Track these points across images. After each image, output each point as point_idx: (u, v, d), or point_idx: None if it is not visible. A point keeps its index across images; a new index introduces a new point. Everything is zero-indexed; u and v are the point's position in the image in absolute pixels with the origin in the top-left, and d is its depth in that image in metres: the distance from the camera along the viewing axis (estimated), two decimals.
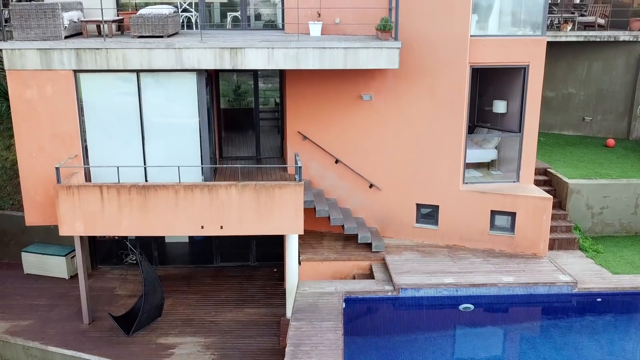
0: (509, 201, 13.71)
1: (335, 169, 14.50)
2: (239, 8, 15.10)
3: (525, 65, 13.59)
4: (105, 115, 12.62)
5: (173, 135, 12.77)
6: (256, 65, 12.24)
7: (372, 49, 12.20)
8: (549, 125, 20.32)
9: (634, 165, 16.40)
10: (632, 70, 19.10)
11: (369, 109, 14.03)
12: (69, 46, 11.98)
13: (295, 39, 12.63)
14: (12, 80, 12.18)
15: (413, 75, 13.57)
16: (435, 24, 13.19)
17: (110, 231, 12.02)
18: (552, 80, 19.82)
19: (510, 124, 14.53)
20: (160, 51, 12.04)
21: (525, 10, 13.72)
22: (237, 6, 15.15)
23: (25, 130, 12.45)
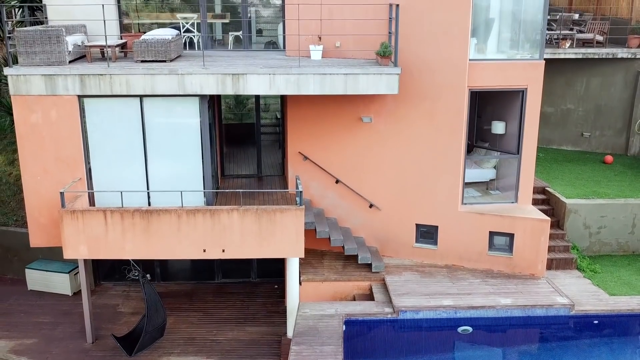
0: (507, 223, 13.87)
1: (336, 188, 14.67)
2: (241, 28, 15.27)
3: (523, 88, 13.76)
4: (109, 139, 12.80)
5: (176, 158, 12.95)
6: (258, 90, 12.41)
7: (372, 75, 12.37)
8: (548, 141, 20.49)
9: (631, 184, 16.56)
10: (630, 87, 19.26)
11: (369, 130, 14.20)
12: (73, 72, 12.15)
13: (297, 63, 12.80)
14: (17, 105, 12.36)
15: (412, 98, 13.74)
16: (435, 48, 13.36)
17: (114, 254, 12.19)
18: (551, 95, 20.00)
19: (508, 145, 14.70)
20: (163, 77, 12.22)
21: (524, 34, 13.87)
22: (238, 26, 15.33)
23: (29, 154, 12.63)
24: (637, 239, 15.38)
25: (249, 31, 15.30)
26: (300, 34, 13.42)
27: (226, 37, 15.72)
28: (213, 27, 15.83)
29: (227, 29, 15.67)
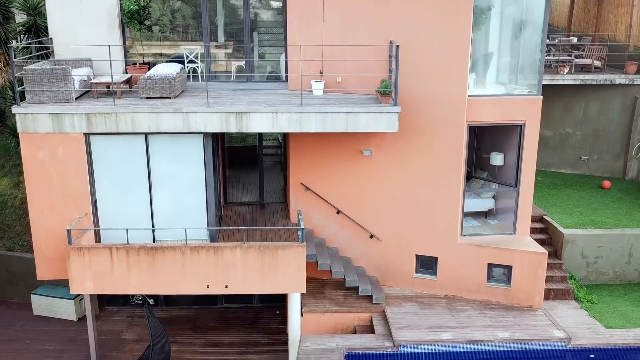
0: (505, 255, 14.11)
1: (337, 219, 14.91)
2: (244, 59, 15.50)
3: (521, 123, 14.00)
4: (115, 175, 13.05)
5: (180, 193, 13.20)
6: (261, 129, 12.66)
7: (373, 113, 12.61)
8: (547, 164, 20.73)
9: (628, 212, 16.79)
10: (627, 112, 19.51)
11: (369, 162, 14.45)
12: (79, 111, 12.41)
13: (298, 100, 13.05)
14: (24, 142, 12.62)
15: (412, 133, 13.99)
16: (434, 84, 13.61)
17: (119, 290, 12.45)
18: (550, 119, 20.23)
19: (507, 176, 14.94)
20: (168, 115, 12.47)
21: (522, 70, 14.12)
22: (241, 56, 15.56)
23: (37, 190, 12.88)
24: (634, 268, 15.62)
25: (252, 62, 15.51)
26: (303, 74, 13.67)
27: (228, 63, 15.93)
28: (216, 57, 16.05)
29: (230, 60, 15.91)
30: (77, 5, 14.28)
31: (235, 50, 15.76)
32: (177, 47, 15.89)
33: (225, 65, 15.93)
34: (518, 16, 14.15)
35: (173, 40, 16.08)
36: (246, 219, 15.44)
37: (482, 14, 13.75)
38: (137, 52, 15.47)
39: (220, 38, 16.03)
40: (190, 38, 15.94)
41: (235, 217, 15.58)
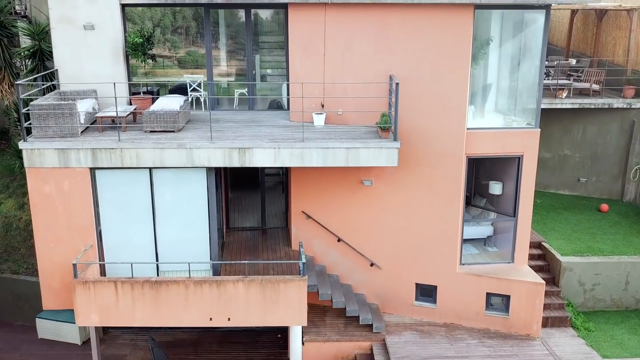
0: (503, 285, 14.33)
1: (338, 247, 15.13)
2: (246, 87, 15.71)
3: (519, 155, 14.22)
4: (119, 207, 13.27)
5: (183, 225, 13.42)
6: (263, 163, 12.89)
7: (373, 149, 12.83)
8: (545, 185, 20.94)
9: (625, 237, 17.00)
10: (625, 135, 19.72)
11: (369, 193, 14.67)
12: (85, 146, 12.64)
13: (300, 133, 13.28)
14: (31, 176, 12.85)
15: (412, 165, 14.21)
16: (433, 117, 13.83)
17: (124, 322, 12.68)
18: (548, 141, 20.44)
19: (505, 205, 15.16)
20: (172, 150, 12.70)
21: (520, 102, 14.35)
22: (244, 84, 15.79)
23: (43, 223, 13.11)
24: (630, 295, 15.84)
25: (254, 91, 15.73)
26: (304, 104, 13.89)
27: (231, 89, 16.15)
28: (219, 85, 16.26)
29: (233, 87, 16.13)
30: (82, 38, 14.51)
31: (238, 74, 15.98)
32: (181, 74, 16.13)
33: (228, 90, 16.15)
34: (516, 50, 14.38)
35: (176, 67, 16.31)
36: (248, 246, 15.67)
37: (481, 49, 13.97)
38: (141, 80, 15.70)
39: (223, 65, 16.27)
40: (193, 66, 16.17)
41: (238, 244, 15.81)
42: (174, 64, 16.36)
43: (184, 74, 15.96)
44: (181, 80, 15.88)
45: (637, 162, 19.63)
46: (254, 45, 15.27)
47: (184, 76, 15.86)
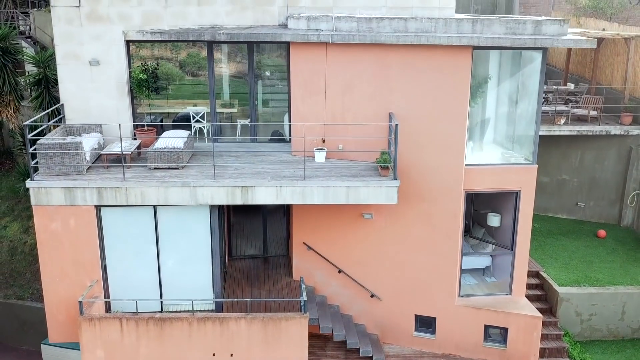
0: (501, 318, 14.58)
1: (339, 278, 15.38)
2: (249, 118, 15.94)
3: (517, 190, 14.47)
4: (124, 243, 13.54)
5: (187, 261, 13.70)
6: (265, 201, 13.15)
7: (373, 187, 13.08)
8: (544, 209, 21.18)
9: (622, 266, 17.24)
10: (623, 161, 19.96)
11: (370, 226, 14.91)
12: (91, 185, 12.90)
13: (301, 167, 13.56)
14: (38, 214, 13.11)
15: (411, 199, 14.46)
16: (432, 154, 14.08)
17: (129, 358, 12.92)
18: (547, 166, 20.69)
19: (503, 237, 15.41)
20: (176, 189, 12.96)
21: (518, 137, 14.60)
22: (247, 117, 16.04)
23: (49, 258, 13.38)
24: (627, 325, 16.08)
25: (256, 120, 15.95)
26: (306, 138, 14.16)
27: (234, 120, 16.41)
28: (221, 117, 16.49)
29: (236, 118, 16.38)
30: (88, 74, 14.79)
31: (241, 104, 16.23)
32: (184, 104, 16.40)
33: (230, 117, 16.39)
34: (514, 88, 14.63)
35: (180, 98, 16.57)
36: (250, 276, 15.94)
37: (479, 88, 14.22)
38: (145, 110, 15.94)
39: (226, 96, 16.54)
40: (196, 96, 16.41)
41: (240, 273, 16.07)
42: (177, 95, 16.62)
43: (188, 104, 16.23)
44: (185, 111, 16.16)
45: (635, 188, 19.87)
46: (256, 77, 15.53)
47: (188, 108, 16.13)
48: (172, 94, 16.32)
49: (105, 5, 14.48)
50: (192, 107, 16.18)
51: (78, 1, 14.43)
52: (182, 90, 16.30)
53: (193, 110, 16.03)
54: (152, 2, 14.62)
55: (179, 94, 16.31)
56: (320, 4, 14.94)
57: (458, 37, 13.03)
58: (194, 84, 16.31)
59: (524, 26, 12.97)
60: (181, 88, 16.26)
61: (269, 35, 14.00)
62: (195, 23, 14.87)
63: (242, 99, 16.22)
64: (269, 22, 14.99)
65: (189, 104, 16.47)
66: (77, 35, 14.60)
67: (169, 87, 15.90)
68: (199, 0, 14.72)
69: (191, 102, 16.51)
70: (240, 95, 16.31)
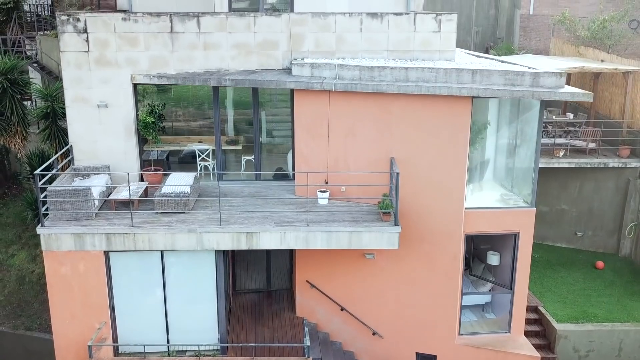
0: (500, 357, 14.91)
1: (341, 315, 15.70)
2: (252, 154, 16.28)
3: (516, 232, 14.79)
4: (132, 286, 13.89)
5: (193, 304, 14.03)
6: (269, 246, 13.49)
7: (375, 232, 13.41)
8: (543, 237, 21.48)
9: (620, 300, 17.54)
10: (621, 192, 20.27)
11: (371, 265, 15.24)
12: (100, 231, 13.25)
13: (305, 210, 13.90)
14: (48, 259, 13.47)
15: (412, 241, 14.78)
16: (432, 197, 14.40)
17: None
18: (546, 196, 21.00)
19: (502, 274, 15.72)
20: (182, 235, 13.30)
21: (517, 183, 14.92)
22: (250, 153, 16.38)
23: (59, 301, 13.72)
24: None
25: (260, 161, 16.28)
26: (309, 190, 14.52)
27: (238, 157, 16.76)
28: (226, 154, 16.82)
29: (240, 154, 16.73)
30: (96, 116, 15.14)
31: (245, 142, 16.58)
32: (190, 140, 16.75)
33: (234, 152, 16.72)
34: (513, 133, 14.95)
35: (185, 135, 16.93)
36: (254, 312, 16.26)
37: (478, 133, 14.55)
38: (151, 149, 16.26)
39: (230, 132, 16.90)
40: (202, 133, 16.77)
41: (244, 310, 16.39)
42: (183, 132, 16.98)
43: (193, 141, 16.57)
44: (191, 149, 16.51)
45: (632, 219, 20.18)
46: (260, 117, 15.84)
47: (193, 146, 16.47)
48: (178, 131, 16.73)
49: (113, 50, 14.83)
50: (197, 145, 16.52)
51: (87, 47, 14.78)
52: (188, 122, 16.74)
53: (198, 148, 16.38)
54: (159, 47, 14.96)
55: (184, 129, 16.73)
56: (323, 48, 15.29)
57: (458, 87, 13.35)
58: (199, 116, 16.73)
59: (522, 78, 13.29)
60: (187, 118, 16.70)
61: (274, 82, 14.33)
62: (202, 67, 15.21)
63: (246, 130, 16.54)
64: (274, 65, 15.33)
65: (195, 140, 16.85)
66: (86, 79, 14.94)
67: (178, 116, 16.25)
68: (204, 45, 15.06)
69: (196, 138, 16.89)
70: (244, 128, 16.67)
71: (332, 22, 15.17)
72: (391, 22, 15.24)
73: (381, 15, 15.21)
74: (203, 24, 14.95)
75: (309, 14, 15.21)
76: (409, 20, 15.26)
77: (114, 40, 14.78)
